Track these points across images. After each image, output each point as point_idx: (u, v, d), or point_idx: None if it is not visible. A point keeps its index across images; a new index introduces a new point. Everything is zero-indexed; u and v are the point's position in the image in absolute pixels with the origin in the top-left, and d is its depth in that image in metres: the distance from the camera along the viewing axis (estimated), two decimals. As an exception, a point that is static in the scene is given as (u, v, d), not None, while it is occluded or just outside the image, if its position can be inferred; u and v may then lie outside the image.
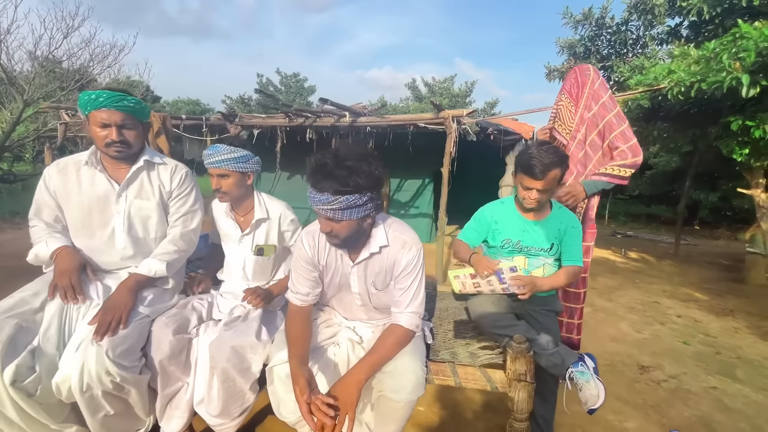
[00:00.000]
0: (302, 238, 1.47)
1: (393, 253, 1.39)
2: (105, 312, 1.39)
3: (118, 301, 1.44)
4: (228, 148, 1.66)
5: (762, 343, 3.49)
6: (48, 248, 1.50)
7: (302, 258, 1.46)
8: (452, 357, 1.62)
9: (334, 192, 1.18)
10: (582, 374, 1.42)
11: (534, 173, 1.54)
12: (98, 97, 1.45)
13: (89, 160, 1.56)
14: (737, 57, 2.87)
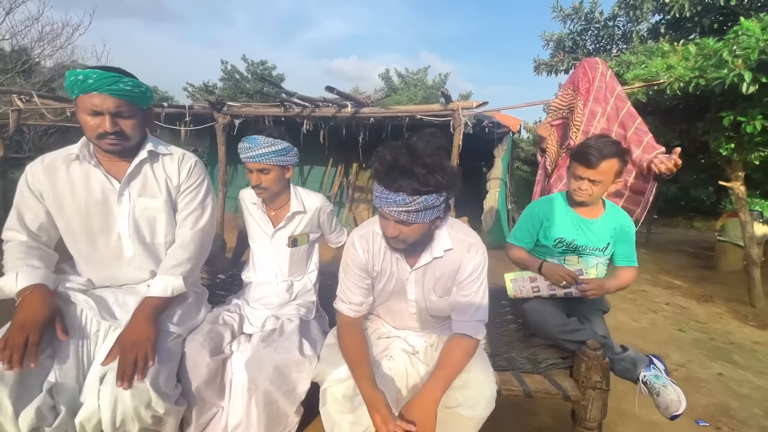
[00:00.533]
0: (354, 242, 1.33)
1: (457, 256, 1.27)
2: (124, 351, 1.14)
3: (138, 335, 1.19)
4: (267, 140, 1.50)
5: (746, 327, 3.70)
6: (17, 284, 1.17)
7: (355, 264, 1.33)
8: (509, 364, 1.54)
9: (412, 192, 1.06)
10: (657, 378, 1.38)
11: (588, 161, 1.48)
12: (87, 78, 1.18)
13: (81, 154, 1.29)
14: (736, 54, 2.96)
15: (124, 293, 1.37)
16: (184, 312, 1.40)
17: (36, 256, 1.27)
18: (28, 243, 1.28)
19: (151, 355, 1.18)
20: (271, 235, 1.67)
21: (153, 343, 1.20)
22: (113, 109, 1.23)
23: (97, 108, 1.21)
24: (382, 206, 1.11)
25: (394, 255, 1.30)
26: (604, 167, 1.49)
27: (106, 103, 1.21)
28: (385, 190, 1.09)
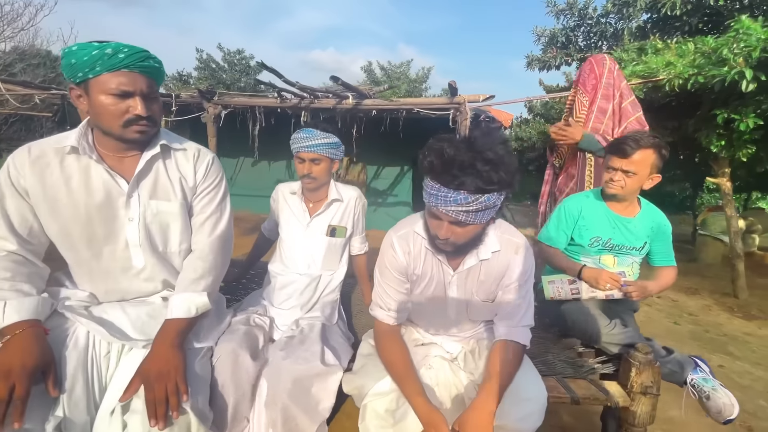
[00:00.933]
0: (394, 244, 1.23)
1: (504, 259, 1.19)
2: (150, 385, 0.99)
3: (165, 366, 1.02)
4: (322, 133, 1.57)
5: (734, 318, 3.84)
6: (3, 317, 0.96)
7: (395, 267, 1.23)
8: (549, 369, 1.48)
9: (475, 190, 0.97)
10: (706, 381, 1.35)
11: (622, 150, 1.43)
12: (117, 53, 1.01)
13: (80, 146, 1.09)
14: (735, 52, 3.01)
15: (135, 307, 1.20)
16: (207, 323, 1.26)
17: (25, 275, 1.06)
18: (16, 255, 1.06)
19: (183, 387, 1.02)
20: (307, 223, 1.66)
21: (183, 374, 1.05)
22: (145, 90, 1.06)
23: (126, 87, 1.03)
24: (439, 206, 1.01)
25: (436, 257, 1.20)
26: (638, 157, 1.44)
27: (138, 82, 1.04)
28: (443, 188, 0.99)
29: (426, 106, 3.80)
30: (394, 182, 6.76)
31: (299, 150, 1.58)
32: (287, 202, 1.74)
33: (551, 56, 5.32)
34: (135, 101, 1.05)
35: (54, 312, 1.11)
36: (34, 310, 1.01)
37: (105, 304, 1.20)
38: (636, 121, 2.46)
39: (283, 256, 1.71)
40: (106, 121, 1.06)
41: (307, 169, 1.58)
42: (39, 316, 1.02)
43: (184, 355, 1.09)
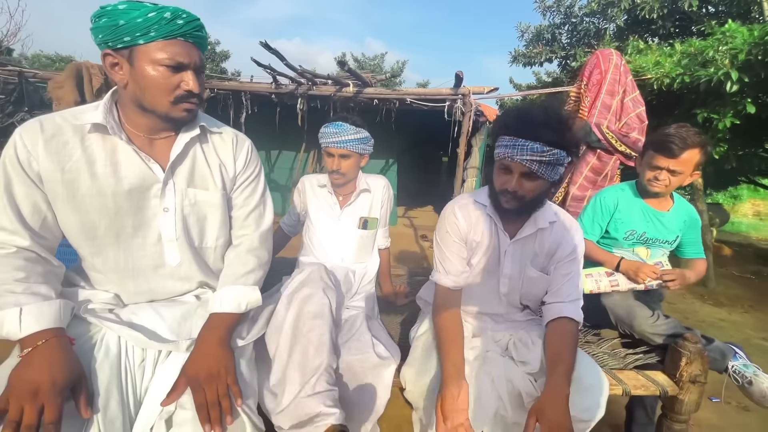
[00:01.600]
0: (455, 212, 1.27)
1: (558, 233, 1.24)
2: (199, 388, 0.88)
3: (215, 366, 0.92)
4: (353, 128, 1.53)
5: (706, 305, 4.11)
6: (21, 326, 0.82)
7: (455, 233, 1.26)
8: (597, 361, 1.47)
9: (549, 142, 1.05)
10: (747, 367, 1.39)
11: (670, 150, 1.44)
12: (175, 18, 0.88)
13: (107, 124, 0.93)
14: (720, 53, 3.18)
15: (168, 307, 1.06)
16: (250, 316, 1.14)
17: (41, 275, 0.90)
18: (28, 251, 0.90)
19: (235, 389, 0.92)
20: (338, 216, 1.64)
21: (234, 374, 0.94)
22: (198, 63, 0.94)
23: (183, 59, 0.90)
24: (515, 156, 1.06)
25: (494, 226, 1.25)
26: (686, 157, 1.46)
27: (192, 53, 0.92)
28: (520, 139, 1.06)
29: (430, 96, 3.73)
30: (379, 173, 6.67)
31: (328, 145, 1.53)
32: (315, 194, 1.68)
33: (537, 52, 5.42)
34: (188, 75, 0.93)
35: (73, 317, 0.95)
36: (56, 317, 0.86)
37: (133, 305, 1.05)
38: (636, 117, 2.56)
39: (315, 248, 1.65)
40: (152, 96, 0.92)
41: (336, 164, 1.54)
42: (62, 324, 0.88)
43: (232, 353, 0.99)
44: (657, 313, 1.46)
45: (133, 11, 0.86)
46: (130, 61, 0.90)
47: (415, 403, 1.18)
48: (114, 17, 0.86)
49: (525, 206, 1.16)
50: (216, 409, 0.87)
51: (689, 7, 4.92)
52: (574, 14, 5.29)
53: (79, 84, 2.49)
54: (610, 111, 2.54)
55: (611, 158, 2.46)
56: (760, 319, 3.83)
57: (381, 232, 1.78)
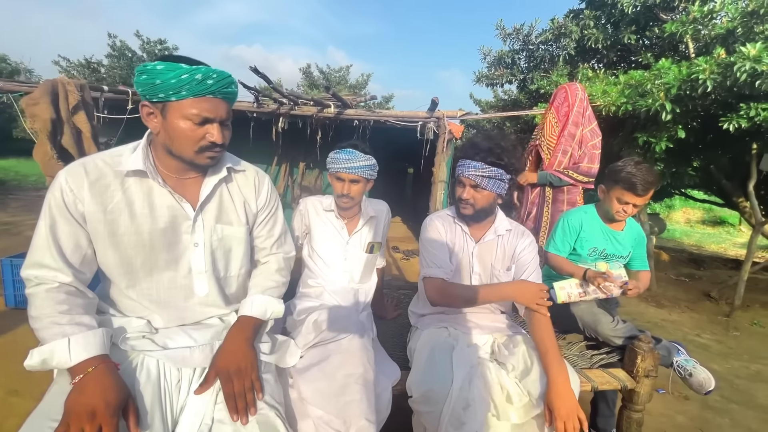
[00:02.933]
0: (434, 221, 1.60)
1: (515, 237, 1.57)
2: (229, 380, 1.00)
3: (243, 361, 1.04)
4: (364, 155, 1.62)
5: (650, 307, 4.59)
6: (71, 355, 0.88)
7: (437, 238, 1.56)
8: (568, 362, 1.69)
9: (489, 162, 1.39)
10: (687, 362, 1.66)
11: (637, 191, 1.69)
12: (206, 78, 0.97)
13: (147, 169, 1.03)
14: (656, 87, 3.64)
15: (198, 330, 1.15)
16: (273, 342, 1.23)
17: (82, 307, 0.97)
18: (69, 287, 0.97)
19: (258, 384, 1.04)
20: (347, 241, 1.72)
21: (258, 371, 1.07)
22: (224, 117, 1.03)
23: (208, 114, 0.99)
24: (464, 172, 1.42)
25: (463, 232, 1.57)
26: (649, 195, 1.72)
27: (219, 109, 1.01)
28: (468, 160, 1.42)
29: (408, 119, 3.94)
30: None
31: (340, 170, 1.61)
32: (320, 218, 1.74)
33: (498, 75, 5.84)
34: (214, 128, 1.03)
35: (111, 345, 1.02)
36: (101, 344, 0.94)
37: (165, 330, 1.12)
38: (592, 146, 2.88)
39: (320, 271, 1.70)
40: (179, 145, 1.02)
41: (347, 189, 1.62)
42: (107, 350, 0.95)
43: (255, 353, 1.11)
44: (617, 319, 1.70)
45: (168, 72, 0.94)
46: (163, 113, 0.99)
47: (421, 409, 1.31)
48: (152, 76, 0.95)
49: (478, 213, 1.49)
50: (243, 400, 0.98)
51: (628, 40, 5.51)
52: (531, 42, 5.76)
53: (54, 101, 2.40)
54: (574, 139, 2.85)
55: (577, 189, 2.78)
56: (693, 317, 4.34)
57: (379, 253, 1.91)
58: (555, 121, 2.91)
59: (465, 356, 1.42)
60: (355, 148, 1.63)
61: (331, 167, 1.65)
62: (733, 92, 3.44)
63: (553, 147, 2.86)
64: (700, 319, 4.29)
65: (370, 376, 1.23)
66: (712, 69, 3.22)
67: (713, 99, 3.94)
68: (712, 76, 3.20)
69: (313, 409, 1.15)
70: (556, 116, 2.90)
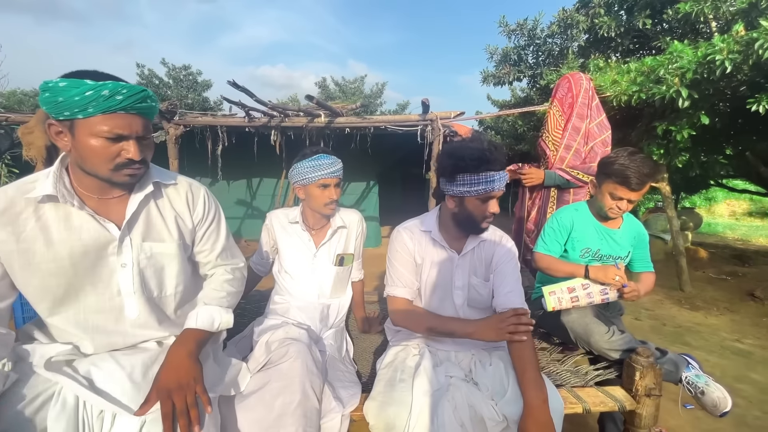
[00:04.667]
0: (401, 234, 1.46)
1: (492, 244, 1.44)
2: (168, 397, 0.94)
3: (185, 377, 0.97)
4: (335, 158, 1.60)
5: (683, 310, 4.21)
6: None
7: (404, 251, 1.44)
8: (555, 380, 1.51)
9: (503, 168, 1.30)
10: (699, 377, 1.44)
11: (631, 184, 1.52)
12: (115, 94, 0.91)
13: (58, 193, 0.97)
14: (670, 72, 3.37)
15: (129, 356, 1.07)
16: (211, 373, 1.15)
17: None
18: None
19: (205, 398, 0.98)
20: (314, 253, 1.65)
21: (203, 384, 1.00)
22: (141, 132, 0.97)
23: (121, 131, 0.94)
24: (497, 187, 1.26)
25: (438, 246, 1.43)
26: (645, 189, 1.55)
27: (134, 124, 0.96)
28: (495, 173, 1.25)
29: (399, 123, 3.85)
30: (360, 197, 6.74)
31: (327, 176, 1.55)
32: (286, 231, 1.67)
33: (505, 72, 5.64)
34: (129, 144, 0.97)
35: (32, 372, 0.97)
36: None
37: (93, 356, 1.06)
38: (601, 142, 2.63)
39: (288, 287, 1.63)
40: (93, 164, 0.96)
41: (335, 194, 1.59)
42: None
43: (201, 366, 1.03)
44: (612, 329, 1.51)
45: (71, 89, 0.89)
46: (71, 131, 0.94)
47: None
48: (54, 94, 0.90)
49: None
50: (184, 418, 0.92)
51: (643, 26, 5.20)
52: (537, 36, 5.54)
53: (50, 128, 2.51)
54: (580, 134, 2.63)
55: (584, 190, 2.54)
56: (733, 320, 3.94)
57: (355, 265, 1.80)
58: (559, 114, 2.71)
59: (430, 377, 1.29)
60: (326, 153, 1.58)
61: (312, 176, 1.54)
62: (762, 71, 3.13)
63: (558, 142, 2.66)
64: (741, 322, 3.89)
65: (313, 404, 1.13)
66: (730, 48, 2.94)
67: (740, 80, 3.61)
68: (731, 56, 2.92)
69: None
70: (560, 109, 2.70)
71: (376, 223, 6.69)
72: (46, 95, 0.92)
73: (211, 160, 4.44)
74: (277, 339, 1.31)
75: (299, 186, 1.61)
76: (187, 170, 6.36)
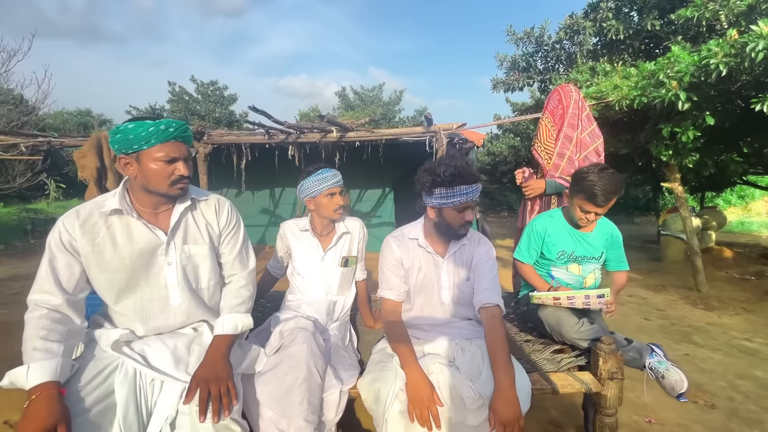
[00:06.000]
0: (389, 242, 1.65)
1: (472, 246, 1.64)
2: (206, 386, 1.20)
3: (219, 371, 1.25)
4: (336, 170, 1.83)
5: (696, 310, 4.21)
6: (27, 381, 1.07)
7: (392, 257, 1.63)
8: (533, 366, 1.71)
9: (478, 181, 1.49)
10: (660, 363, 1.60)
11: (597, 202, 1.69)
12: (168, 128, 1.25)
13: (122, 207, 1.29)
14: (669, 76, 3.46)
15: (172, 339, 1.38)
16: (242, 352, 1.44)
17: (59, 333, 1.18)
18: (58, 310, 1.21)
19: (233, 391, 1.24)
20: (322, 257, 1.87)
21: (233, 380, 1.26)
22: (186, 155, 1.31)
23: (174, 154, 1.27)
24: (471, 198, 1.46)
25: (424, 252, 1.62)
26: (610, 203, 1.72)
27: (181, 149, 1.29)
28: (467, 186, 1.45)
29: (406, 135, 4.10)
30: (376, 204, 7.02)
31: (332, 185, 1.80)
32: (297, 238, 1.94)
33: (514, 79, 5.79)
34: (180, 164, 1.30)
35: (100, 350, 1.28)
36: (53, 372, 1.10)
37: (145, 338, 1.37)
38: (594, 151, 2.75)
39: (300, 286, 1.90)
40: (155, 182, 1.28)
41: (343, 200, 1.83)
42: (59, 378, 1.11)
43: (230, 366, 1.30)
44: (582, 321, 1.70)
45: (138, 128, 1.23)
46: (138, 160, 1.27)
47: (370, 409, 1.43)
48: (125, 134, 1.23)
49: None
50: (217, 402, 1.18)
51: (652, 27, 5.24)
52: (545, 43, 5.67)
53: (99, 152, 2.93)
54: (572, 142, 2.77)
55: None
56: (748, 320, 3.92)
57: (358, 266, 2.05)
58: (551, 125, 2.86)
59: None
60: (327, 167, 1.84)
61: (319, 188, 1.80)
62: (759, 72, 3.18)
63: (551, 151, 2.81)
64: (756, 322, 3.87)
65: (316, 380, 1.39)
66: (725, 52, 3.02)
67: (743, 81, 3.64)
68: (725, 59, 3.00)
69: (265, 410, 1.34)
70: (552, 120, 2.85)
71: (392, 227, 6.92)
72: (118, 137, 1.25)
73: (236, 174, 4.83)
74: (288, 328, 1.58)
75: (309, 198, 1.87)
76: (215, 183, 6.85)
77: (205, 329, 1.44)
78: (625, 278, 1.90)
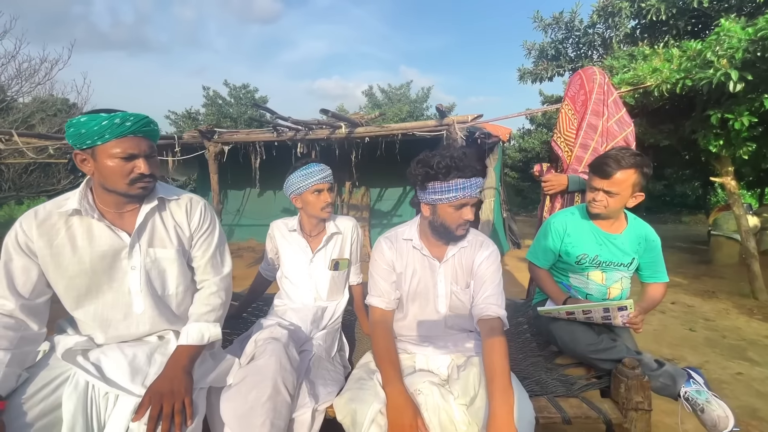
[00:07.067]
0: (381, 244, 1.47)
1: (473, 249, 1.43)
2: (158, 402, 1.07)
3: (177, 386, 1.12)
4: (325, 166, 1.69)
5: (753, 321, 3.71)
6: None
7: (383, 261, 1.45)
8: (542, 388, 1.47)
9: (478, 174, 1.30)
10: (699, 393, 1.32)
11: (603, 171, 1.45)
12: (124, 122, 1.13)
13: (82, 208, 1.19)
14: (718, 54, 3.03)
15: (132, 347, 1.27)
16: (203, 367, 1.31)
17: (8, 339, 1.11)
18: (11, 315, 1.14)
19: (189, 410, 1.11)
20: (310, 258, 1.74)
21: (191, 396, 1.13)
22: (147, 151, 1.19)
23: (132, 151, 1.15)
24: (469, 194, 1.28)
25: (419, 255, 1.43)
26: (619, 177, 1.46)
27: (141, 145, 1.17)
28: (466, 180, 1.26)
29: (416, 129, 3.89)
30: (397, 203, 6.83)
31: (318, 182, 1.66)
32: (286, 239, 1.80)
33: (542, 69, 5.41)
34: (140, 162, 1.18)
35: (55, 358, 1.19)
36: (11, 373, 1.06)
37: (104, 346, 1.27)
38: (623, 140, 2.43)
39: (288, 291, 1.77)
40: (112, 181, 1.17)
41: (330, 198, 1.69)
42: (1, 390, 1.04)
43: (191, 380, 1.17)
44: (602, 338, 1.44)
45: (90, 122, 1.12)
46: (94, 157, 1.16)
47: (347, 429, 1.27)
48: (77, 128, 1.13)
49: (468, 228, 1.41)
50: (168, 421, 1.05)
51: (699, 4, 4.72)
52: (576, 28, 5.25)
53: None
54: (597, 132, 2.46)
55: None
56: (817, 334, 3.39)
57: (353, 270, 1.89)
58: (572, 113, 2.55)
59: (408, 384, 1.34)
60: (315, 162, 1.69)
61: (305, 184, 1.66)
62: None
63: (572, 142, 2.50)
64: (826, 336, 3.34)
65: (284, 399, 1.23)
66: (788, 22, 2.59)
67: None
68: (788, 30, 2.57)
69: (227, 430, 1.20)
70: (573, 107, 2.54)
71: (413, 227, 6.71)
72: (71, 130, 1.15)
73: (253, 173, 4.81)
74: (262, 338, 1.44)
75: (295, 196, 1.73)
76: (235, 182, 6.92)
77: (172, 337, 1.32)
78: (662, 292, 1.60)
